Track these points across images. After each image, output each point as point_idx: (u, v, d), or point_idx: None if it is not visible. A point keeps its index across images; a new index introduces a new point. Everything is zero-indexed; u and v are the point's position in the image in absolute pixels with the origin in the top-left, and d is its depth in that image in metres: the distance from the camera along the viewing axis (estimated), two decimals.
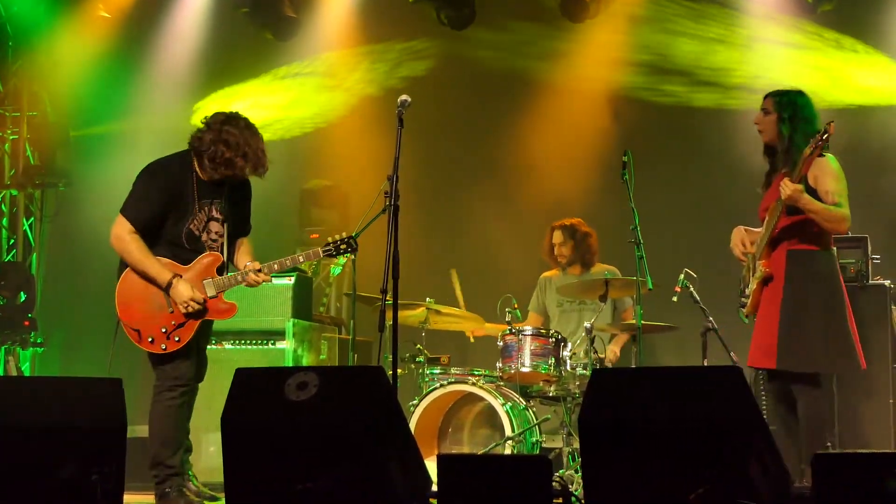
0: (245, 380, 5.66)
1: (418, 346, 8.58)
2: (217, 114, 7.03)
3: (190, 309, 6.79)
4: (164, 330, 6.82)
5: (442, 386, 8.25)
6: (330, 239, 7.11)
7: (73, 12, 11.39)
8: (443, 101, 10.81)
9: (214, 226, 6.99)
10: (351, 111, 11.48)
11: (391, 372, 6.35)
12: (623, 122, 10.51)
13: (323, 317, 9.92)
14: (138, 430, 7.79)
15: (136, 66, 11.56)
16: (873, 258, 8.62)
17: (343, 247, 7.05)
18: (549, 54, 10.96)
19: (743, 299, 6.97)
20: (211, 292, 6.89)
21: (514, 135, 10.92)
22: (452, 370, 8.58)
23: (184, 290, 6.78)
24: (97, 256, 10.85)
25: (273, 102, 11.67)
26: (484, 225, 10.80)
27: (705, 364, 8.23)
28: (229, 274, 7.00)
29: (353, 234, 7.03)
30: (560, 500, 5.58)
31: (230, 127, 6.89)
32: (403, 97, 6.76)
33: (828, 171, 6.64)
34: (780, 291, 6.71)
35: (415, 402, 8.22)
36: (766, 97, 6.97)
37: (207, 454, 8.27)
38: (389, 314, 6.55)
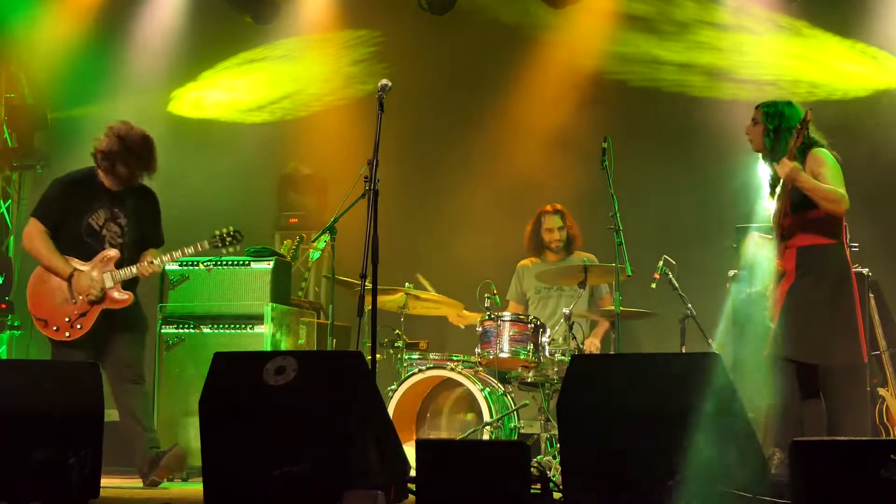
0: (223, 364, 5.65)
1: (397, 331, 8.57)
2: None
3: (91, 297, 7.42)
4: (67, 319, 7.47)
5: (420, 371, 8.24)
6: (217, 232, 7.76)
7: None
8: (423, 87, 10.78)
9: (114, 227, 7.63)
10: (331, 95, 11.45)
11: (370, 357, 6.35)
12: (603, 108, 10.49)
13: (301, 301, 9.91)
14: (115, 413, 7.79)
15: (115, 48, 11.49)
16: (851, 246, 8.62)
17: (228, 239, 7.76)
18: (529, 40, 10.94)
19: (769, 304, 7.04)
20: (109, 284, 7.49)
21: (494, 121, 10.90)
22: (431, 355, 8.58)
23: (83, 282, 7.44)
24: None
25: (251, 86, 11.63)
26: (463, 211, 10.79)
27: (683, 350, 8.26)
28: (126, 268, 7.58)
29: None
30: (538, 486, 5.59)
31: (116, 128, 7.65)
32: (384, 81, 6.78)
33: (820, 161, 6.75)
34: (787, 287, 6.81)
35: (393, 387, 8.22)
36: (756, 108, 7.04)
37: (186, 438, 8.25)
38: (368, 299, 6.55)
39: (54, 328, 7.47)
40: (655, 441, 5.13)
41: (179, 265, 8.59)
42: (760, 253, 7.12)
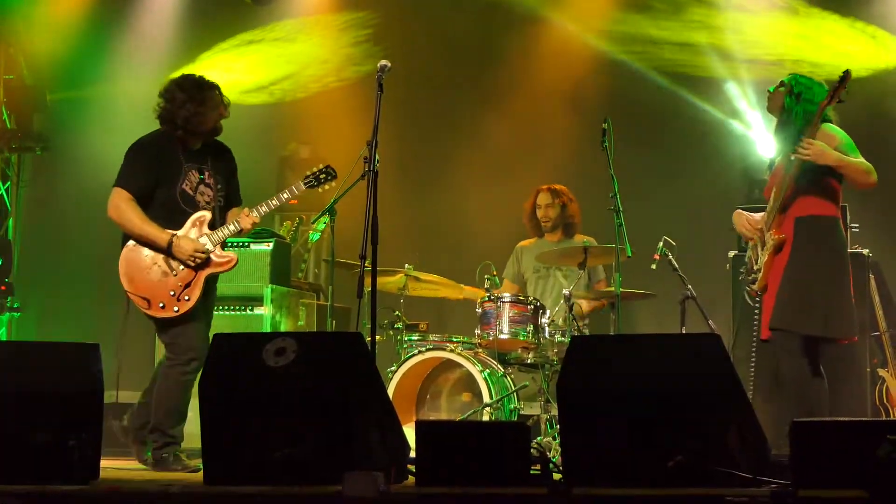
0: (223, 345, 5.65)
1: (396, 312, 8.57)
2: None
3: (197, 260, 6.98)
4: (172, 293, 6.99)
5: (420, 353, 8.24)
6: (308, 171, 7.45)
7: None
8: (423, 67, 10.77)
9: (206, 190, 7.20)
10: (330, 77, 11.44)
11: (369, 338, 6.34)
12: (604, 88, 10.47)
13: (301, 283, 9.90)
14: (116, 395, 7.79)
15: (115, 29, 11.47)
16: (852, 227, 8.63)
17: (322, 176, 7.42)
18: (529, 19, 10.92)
19: (752, 276, 6.89)
20: (210, 248, 7.08)
21: (493, 101, 10.89)
22: (431, 337, 8.57)
23: (186, 244, 6.98)
24: (74, 221, 10.85)
25: (250, 68, 11.61)
26: (463, 191, 10.79)
27: (683, 332, 8.25)
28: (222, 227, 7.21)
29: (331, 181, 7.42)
30: (538, 467, 5.59)
31: (173, 85, 7.23)
32: (383, 62, 6.77)
33: (833, 137, 6.63)
34: (786, 257, 6.66)
35: (393, 368, 8.22)
36: (789, 74, 6.96)
37: (185, 420, 8.26)
38: (368, 280, 6.54)
39: (160, 305, 6.97)
40: (655, 422, 5.13)
41: None
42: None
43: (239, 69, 11.53)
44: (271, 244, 8.74)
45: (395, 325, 8.53)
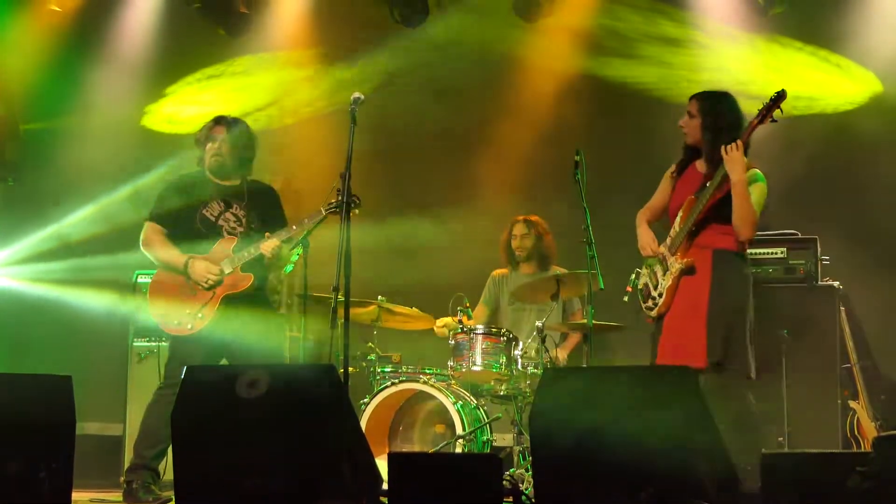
0: (195, 377, 5.65)
1: (370, 343, 8.57)
2: None
3: (209, 282, 7.35)
4: (189, 312, 7.37)
5: (393, 384, 8.24)
6: (333, 200, 7.15)
7: (23, 5, 11.28)
8: (397, 100, 10.77)
9: (231, 217, 7.61)
10: (304, 108, 11.43)
11: (342, 370, 6.34)
12: (576, 120, 10.49)
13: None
14: (87, 426, 7.74)
15: (88, 60, 11.45)
16: (823, 259, 8.68)
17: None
18: (503, 53, 10.94)
19: (650, 303, 6.96)
20: (228, 269, 7.43)
21: (467, 135, 10.90)
22: (404, 368, 8.58)
23: (199, 266, 7.39)
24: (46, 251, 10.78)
25: (224, 99, 11.59)
26: (437, 223, 10.78)
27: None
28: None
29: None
30: (510, 499, 5.59)
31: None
32: (356, 95, 6.81)
33: (755, 185, 6.70)
34: (705, 288, 6.73)
35: (366, 400, 8.22)
36: (690, 99, 7.00)
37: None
38: (341, 311, 6.55)
39: (175, 322, 7.38)
40: (627, 453, 5.14)
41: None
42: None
43: (212, 101, 11.50)
44: None
45: (368, 357, 8.54)
